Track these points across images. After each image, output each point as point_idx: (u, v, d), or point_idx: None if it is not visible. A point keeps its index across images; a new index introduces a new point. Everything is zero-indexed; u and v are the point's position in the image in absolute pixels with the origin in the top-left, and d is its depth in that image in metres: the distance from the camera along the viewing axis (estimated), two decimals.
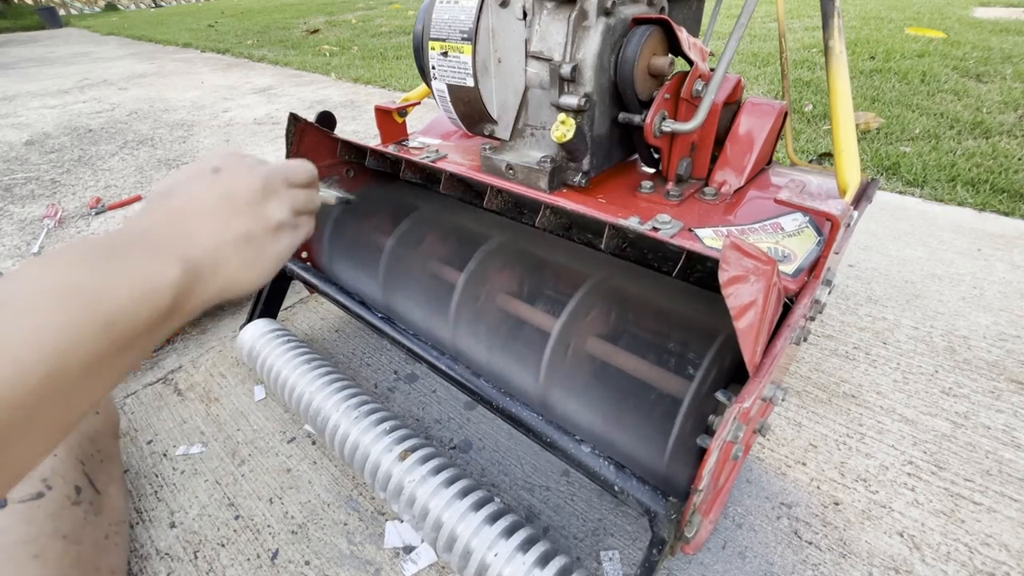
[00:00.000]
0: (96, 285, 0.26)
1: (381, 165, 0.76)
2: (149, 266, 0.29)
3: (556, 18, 0.60)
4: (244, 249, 0.36)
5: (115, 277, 0.27)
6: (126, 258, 0.29)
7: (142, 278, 0.28)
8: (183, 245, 0.33)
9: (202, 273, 0.33)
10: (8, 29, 7.09)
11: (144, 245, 0.31)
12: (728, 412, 0.38)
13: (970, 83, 2.00)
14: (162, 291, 0.29)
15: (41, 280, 0.25)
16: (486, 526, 0.50)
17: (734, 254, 0.38)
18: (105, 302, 0.26)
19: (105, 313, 0.26)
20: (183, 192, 0.36)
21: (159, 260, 0.30)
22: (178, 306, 0.31)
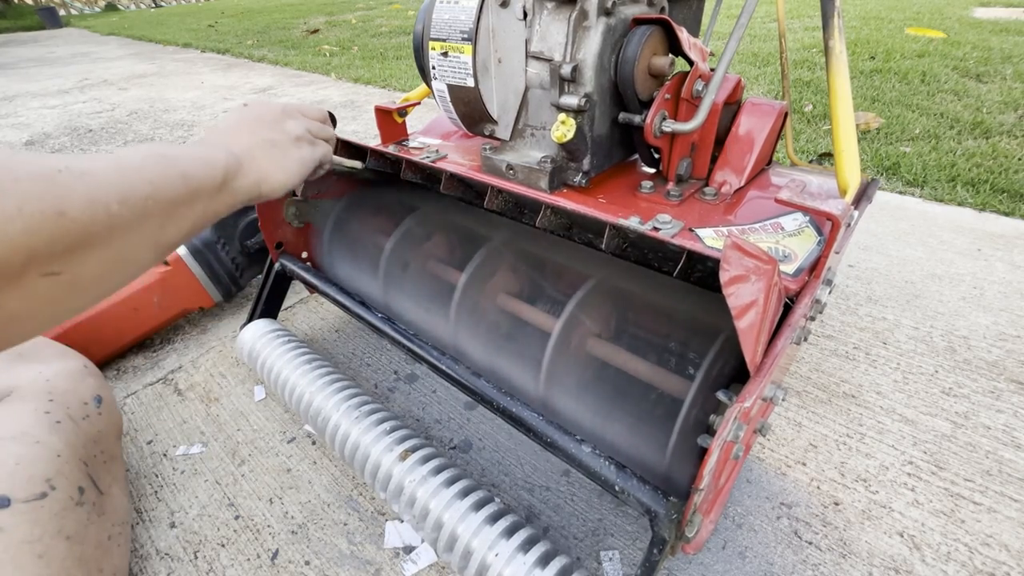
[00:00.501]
0: (174, 153, 0.38)
1: (381, 165, 0.76)
2: (205, 150, 0.42)
3: (556, 18, 0.60)
4: (271, 150, 0.48)
5: (184, 153, 0.39)
6: (192, 148, 0.41)
7: (202, 154, 0.41)
8: (225, 144, 0.45)
9: (241, 163, 0.44)
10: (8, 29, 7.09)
11: (200, 143, 0.44)
12: (729, 412, 0.38)
13: (970, 83, 2.00)
14: (216, 164, 0.41)
15: (137, 150, 0.36)
16: (486, 526, 0.50)
17: (735, 254, 0.38)
18: (180, 163, 0.38)
19: (180, 169, 0.37)
20: (224, 123, 0.49)
21: (211, 148, 0.43)
22: (227, 181, 0.42)
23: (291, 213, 0.81)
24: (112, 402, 0.63)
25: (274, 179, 0.47)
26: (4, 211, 0.26)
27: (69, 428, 0.53)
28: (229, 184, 0.42)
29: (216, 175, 0.40)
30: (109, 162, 0.32)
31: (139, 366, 0.89)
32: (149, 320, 0.89)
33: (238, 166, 0.43)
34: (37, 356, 0.61)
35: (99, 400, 0.60)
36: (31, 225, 0.27)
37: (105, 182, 0.31)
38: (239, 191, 0.44)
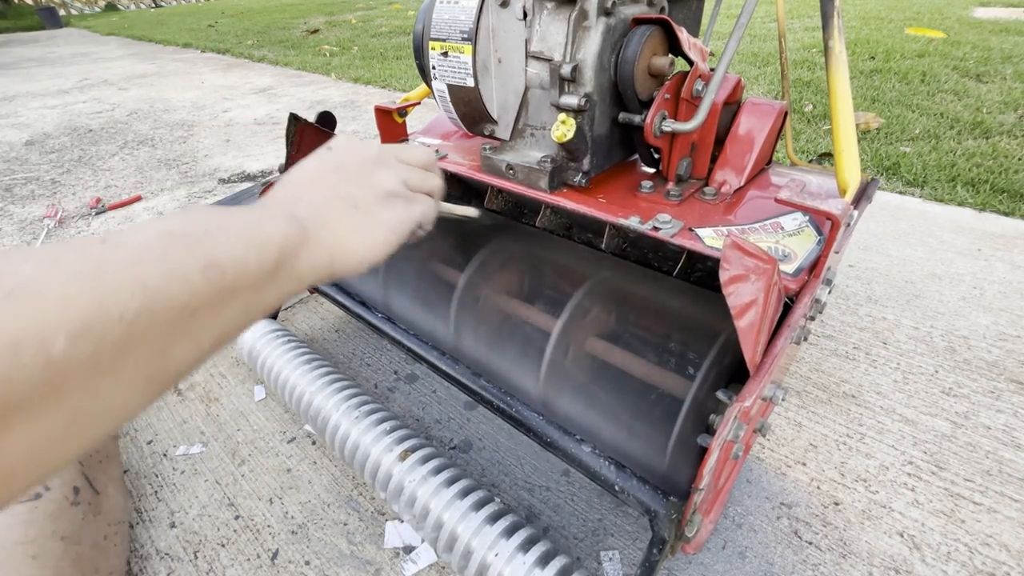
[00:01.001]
0: (202, 231, 0.26)
1: None
2: (257, 220, 0.29)
3: (556, 18, 0.60)
4: (351, 212, 0.35)
5: (222, 226, 0.27)
6: (236, 215, 0.29)
7: (248, 227, 0.28)
8: (291, 205, 0.33)
9: (308, 232, 0.32)
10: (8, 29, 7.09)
11: (255, 207, 0.32)
12: (729, 411, 0.38)
13: (970, 83, 2.00)
14: (268, 240, 0.29)
15: (150, 226, 0.25)
16: (486, 526, 0.50)
17: (735, 253, 0.38)
18: (208, 245, 0.26)
19: (207, 255, 0.25)
20: (299, 169, 0.37)
21: (267, 215, 0.31)
22: (285, 264, 0.30)
23: None
24: None
25: (353, 253, 0.34)
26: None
27: None
28: (287, 266, 0.30)
29: (267, 257, 0.28)
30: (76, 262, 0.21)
31: None
32: None
33: (302, 238, 0.31)
34: None
35: None
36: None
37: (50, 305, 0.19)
38: (302, 274, 0.31)
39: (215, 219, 0.28)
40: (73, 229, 1.37)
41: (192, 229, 0.26)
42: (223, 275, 0.26)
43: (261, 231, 0.29)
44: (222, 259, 0.26)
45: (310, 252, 0.32)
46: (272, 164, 1.73)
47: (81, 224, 1.40)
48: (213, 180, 1.63)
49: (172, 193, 1.56)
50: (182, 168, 1.75)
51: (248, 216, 0.29)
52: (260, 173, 1.66)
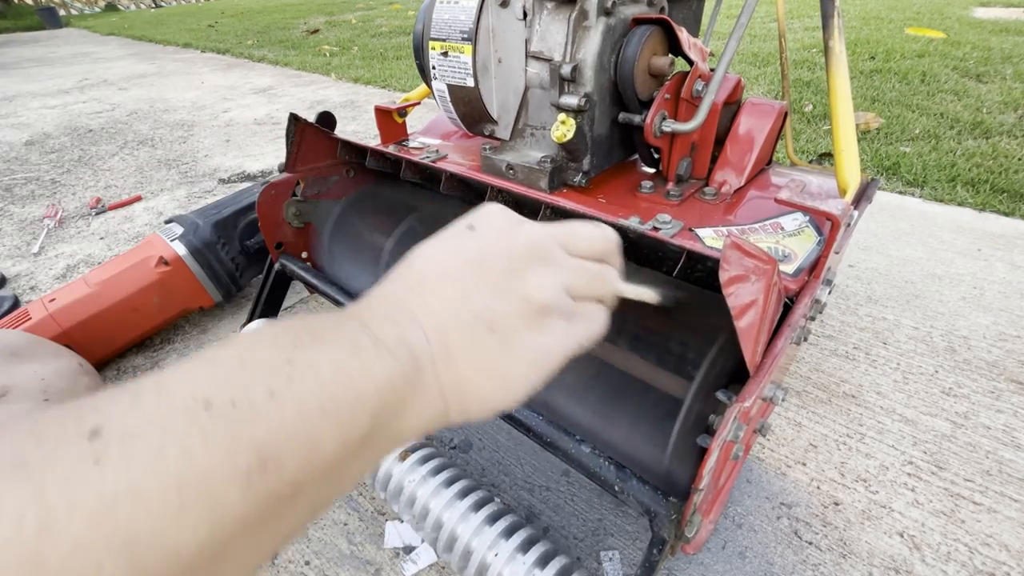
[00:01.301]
0: (255, 397, 0.17)
1: (381, 165, 0.76)
2: (345, 363, 0.20)
3: (556, 18, 0.60)
4: (485, 338, 0.24)
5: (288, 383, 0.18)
6: (316, 345, 0.20)
7: (332, 382, 0.19)
8: (402, 325, 0.23)
9: (422, 371, 0.23)
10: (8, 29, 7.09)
11: (354, 324, 0.22)
12: (729, 412, 0.38)
13: (970, 83, 2.00)
14: (361, 398, 0.20)
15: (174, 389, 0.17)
16: (486, 526, 0.50)
17: (735, 254, 0.38)
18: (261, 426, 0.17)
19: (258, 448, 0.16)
20: (428, 252, 0.27)
21: (364, 350, 0.21)
22: (380, 428, 0.21)
23: (291, 213, 0.81)
24: None
25: (477, 399, 0.25)
26: None
27: None
28: (382, 428, 0.21)
29: (355, 427, 0.19)
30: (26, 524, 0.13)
31: (139, 366, 0.89)
32: (149, 320, 0.89)
33: (411, 383, 0.22)
34: (32, 355, 0.61)
35: None
36: None
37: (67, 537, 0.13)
38: (403, 433, 0.23)
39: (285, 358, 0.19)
40: (73, 229, 1.37)
41: (246, 388, 0.17)
42: (280, 474, 0.17)
43: (353, 381, 0.20)
44: (283, 448, 0.17)
45: (419, 402, 0.23)
46: (272, 164, 1.72)
47: (81, 224, 1.40)
48: (213, 180, 1.63)
49: (172, 193, 1.56)
50: (182, 168, 1.75)
51: (337, 346, 0.20)
52: (260, 173, 1.66)
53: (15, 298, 1.05)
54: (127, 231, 1.35)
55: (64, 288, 0.84)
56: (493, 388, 0.25)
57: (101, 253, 1.25)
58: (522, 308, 0.25)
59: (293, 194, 0.80)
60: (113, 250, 1.26)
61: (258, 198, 0.76)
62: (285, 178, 0.78)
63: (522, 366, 0.25)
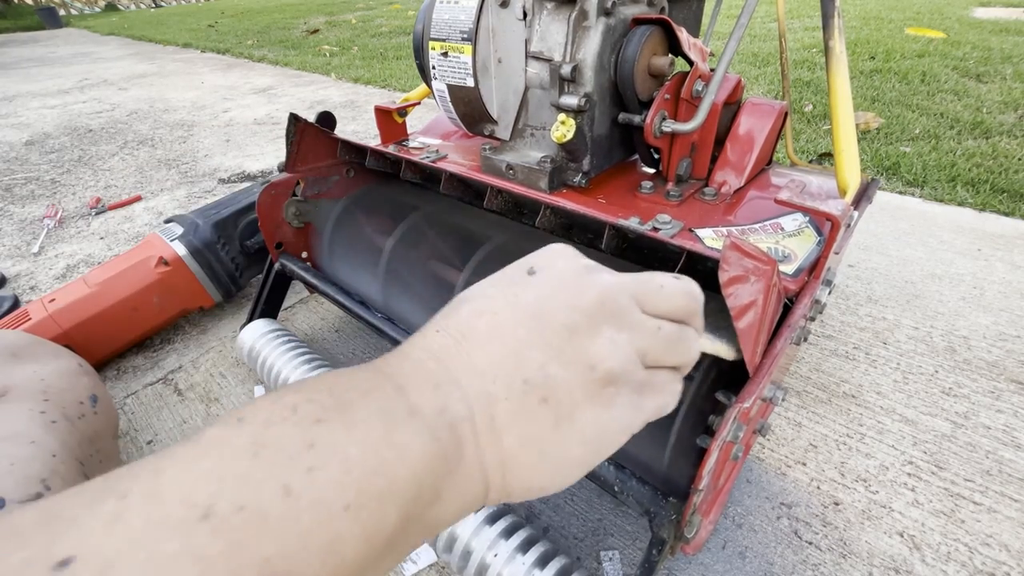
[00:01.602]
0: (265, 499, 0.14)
1: (381, 165, 0.76)
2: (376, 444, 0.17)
3: (556, 18, 0.60)
4: (534, 409, 0.21)
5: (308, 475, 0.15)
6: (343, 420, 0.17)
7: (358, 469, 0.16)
8: (443, 389, 0.20)
9: (463, 448, 0.19)
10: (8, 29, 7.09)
11: (389, 388, 0.19)
12: (728, 412, 0.38)
13: (970, 83, 2.00)
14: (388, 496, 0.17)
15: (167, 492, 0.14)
16: (486, 526, 0.50)
17: (734, 254, 0.38)
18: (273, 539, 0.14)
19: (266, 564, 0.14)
20: (479, 297, 0.24)
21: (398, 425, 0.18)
22: (412, 520, 0.18)
23: (291, 213, 0.81)
24: (108, 401, 0.63)
25: (522, 482, 0.21)
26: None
27: (64, 428, 0.53)
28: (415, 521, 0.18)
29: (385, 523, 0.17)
30: None
31: (139, 366, 0.89)
32: (149, 320, 0.89)
33: (454, 459, 0.19)
34: (32, 356, 0.61)
35: (95, 399, 0.60)
36: None
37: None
38: (435, 524, 0.20)
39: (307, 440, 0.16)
40: (73, 229, 1.37)
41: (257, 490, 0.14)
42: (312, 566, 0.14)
43: (384, 467, 0.17)
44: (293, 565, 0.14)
45: (457, 486, 0.19)
46: (272, 164, 1.72)
47: (81, 224, 1.40)
48: (213, 180, 1.63)
49: (172, 193, 1.56)
50: (182, 168, 1.75)
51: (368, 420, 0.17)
52: (260, 173, 1.66)
53: (15, 298, 1.05)
54: (127, 231, 1.35)
55: (64, 288, 0.84)
56: (541, 470, 0.21)
57: (101, 253, 1.25)
58: (584, 377, 0.21)
59: (293, 194, 0.80)
60: (113, 250, 1.26)
61: (258, 198, 0.76)
62: (285, 178, 0.78)
63: (577, 448, 0.22)
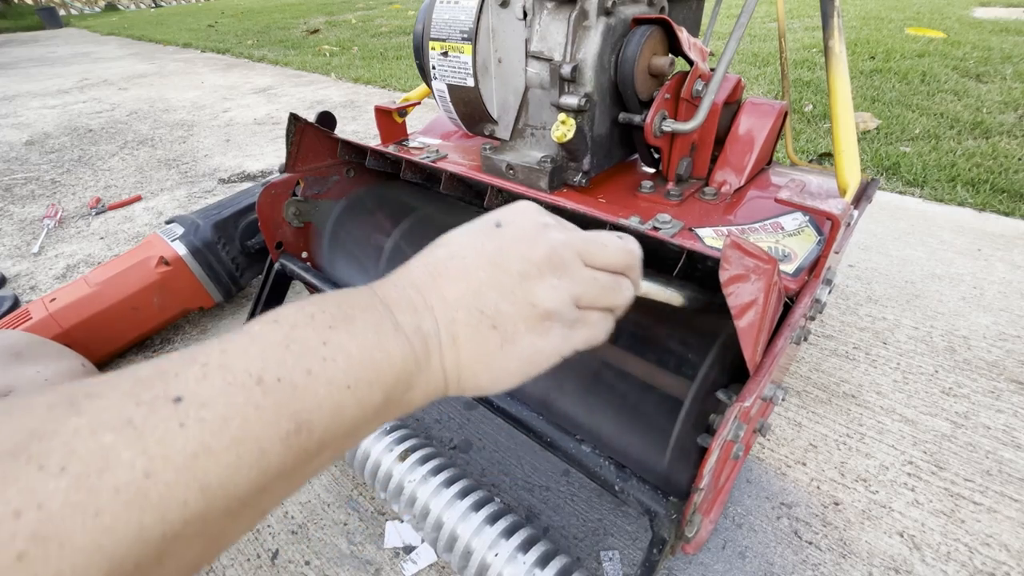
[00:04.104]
0: (296, 376, 0.21)
1: (381, 165, 0.76)
2: (370, 346, 0.24)
3: (556, 18, 0.60)
4: (486, 334, 0.27)
5: (323, 363, 0.22)
6: (348, 328, 0.24)
7: (357, 363, 0.23)
8: (419, 312, 0.26)
9: (430, 354, 0.26)
10: (8, 29, 7.09)
11: (380, 307, 0.26)
12: (729, 411, 0.38)
13: (970, 83, 2.00)
14: (379, 377, 0.24)
15: (233, 366, 0.21)
16: (486, 526, 0.50)
17: (735, 253, 0.38)
18: (299, 400, 0.21)
19: (295, 414, 0.21)
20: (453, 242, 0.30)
21: (386, 334, 0.25)
22: (391, 401, 0.25)
23: (291, 213, 0.81)
24: None
25: (471, 382, 0.28)
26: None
27: None
28: (393, 401, 0.25)
29: (372, 399, 0.24)
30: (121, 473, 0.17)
31: None
32: (149, 320, 0.89)
33: (423, 361, 0.26)
34: (35, 356, 0.61)
35: None
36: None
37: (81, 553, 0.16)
38: (410, 404, 0.27)
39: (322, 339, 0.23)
40: (73, 229, 1.37)
41: (290, 368, 0.21)
42: (310, 436, 0.21)
43: (373, 363, 0.24)
44: (314, 417, 0.21)
45: (424, 380, 0.26)
46: (272, 164, 1.73)
47: (81, 224, 1.40)
48: (213, 180, 1.63)
49: (172, 193, 1.56)
50: (182, 168, 1.76)
51: (365, 329, 0.24)
52: (260, 173, 1.66)
53: (15, 298, 1.05)
54: (127, 231, 1.35)
55: (64, 288, 0.84)
56: (488, 377, 0.28)
57: (101, 253, 1.25)
58: (527, 312, 0.28)
59: (293, 194, 0.80)
60: (113, 250, 1.26)
61: (258, 198, 0.76)
62: (285, 178, 0.78)
63: (516, 363, 0.28)
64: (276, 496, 0.22)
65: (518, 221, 0.30)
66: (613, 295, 0.31)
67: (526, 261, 0.28)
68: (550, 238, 0.29)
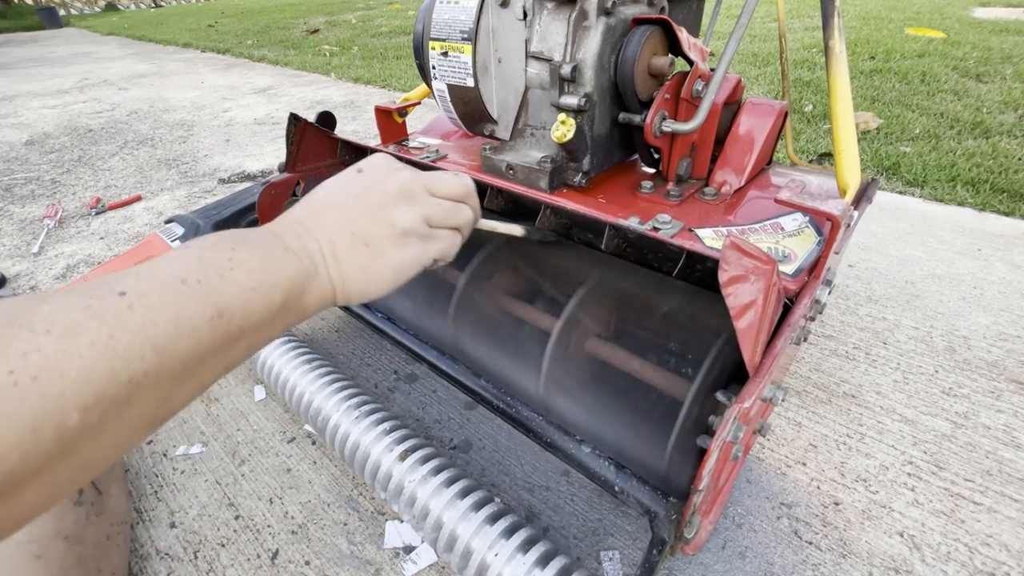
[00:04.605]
0: (215, 276, 0.27)
1: None
2: (268, 256, 0.30)
3: (556, 18, 0.60)
4: (361, 250, 0.34)
5: (234, 265, 0.28)
6: (250, 248, 0.30)
7: (260, 266, 0.29)
8: (304, 238, 0.33)
9: (316, 267, 0.33)
10: (8, 29, 7.09)
11: (271, 236, 0.32)
12: (728, 412, 0.38)
13: (970, 83, 2.00)
14: (276, 281, 0.30)
15: (161, 272, 0.26)
16: (486, 526, 0.50)
17: (734, 254, 0.38)
18: (218, 292, 0.27)
19: (215, 304, 0.26)
20: (327, 187, 0.37)
21: (278, 250, 0.31)
22: (291, 302, 0.31)
23: None
24: None
25: (355, 289, 0.35)
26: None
27: None
28: (292, 303, 0.31)
29: (274, 298, 0.29)
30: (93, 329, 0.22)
31: None
32: None
33: (310, 275, 0.32)
34: None
35: None
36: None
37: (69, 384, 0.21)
38: (306, 309, 0.33)
39: (227, 256, 0.29)
40: (73, 229, 1.37)
41: (205, 273, 0.27)
42: (230, 321, 0.27)
43: (270, 271, 0.30)
44: (230, 306, 0.27)
45: (315, 288, 0.33)
46: (272, 164, 1.73)
47: (81, 224, 1.40)
48: (213, 180, 1.63)
49: (172, 193, 1.56)
50: (182, 168, 1.76)
51: (261, 250, 0.30)
52: (260, 173, 1.66)
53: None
54: (127, 231, 1.35)
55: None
56: (365, 284, 0.35)
57: (101, 253, 1.25)
58: (389, 231, 0.35)
59: (293, 194, 0.80)
60: (113, 250, 1.26)
61: (258, 198, 0.76)
62: (285, 178, 0.78)
63: (386, 270, 0.35)
64: (212, 370, 0.27)
65: (375, 164, 0.38)
66: (456, 216, 0.39)
67: (384, 194, 0.36)
68: (401, 176, 0.37)
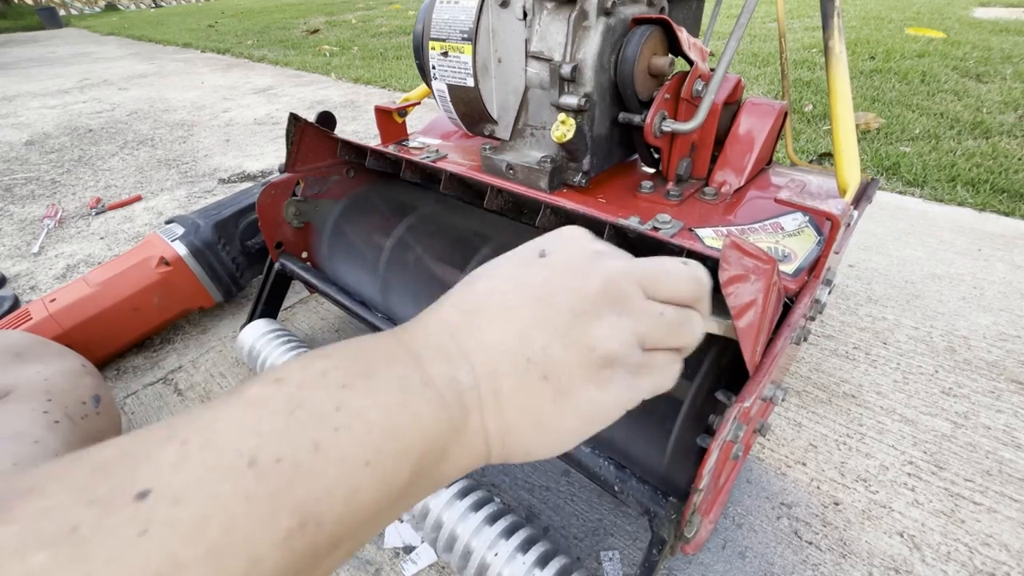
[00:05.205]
0: (299, 453, 0.17)
1: (381, 165, 0.76)
2: (395, 407, 0.19)
3: (556, 18, 0.60)
4: (534, 384, 0.22)
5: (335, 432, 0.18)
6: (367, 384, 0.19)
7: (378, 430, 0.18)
8: (454, 362, 0.22)
9: (468, 415, 0.21)
10: (8, 29, 7.09)
11: (405, 356, 0.22)
12: (728, 412, 0.38)
13: (970, 83, 2.00)
14: (403, 455, 0.19)
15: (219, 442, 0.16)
16: (486, 526, 0.50)
17: (734, 253, 0.38)
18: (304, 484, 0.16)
19: (298, 506, 0.16)
20: (492, 275, 0.25)
21: (414, 392, 0.20)
22: (421, 477, 0.20)
23: (291, 213, 0.81)
24: (111, 401, 0.63)
25: (519, 448, 0.23)
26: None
27: (67, 428, 0.53)
28: (424, 476, 0.20)
29: (397, 479, 0.19)
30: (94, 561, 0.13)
31: (139, 366, 0.89)
32: (149, 320, 0.89)
33: (460, 424, 0.21)
34: (35, 356, 0.61)
35: (97, 400, 0.60)
36: None
37: None
38: (439, 482, 0.22)
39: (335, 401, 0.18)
40: (73, 229, 1.37)
41: (293, 445, 0.17)
42: (319, 531, 0.17)
43: (399, 429, 0.19)
44: (324, 506, 0.17)
45: (462, 447, 0.21)
46: (272, 164, 1.73)
47: (81, 224, 1.40)
48: (213, 180, 1.63)
49: (172, 193, 1.56)
50: (182, 168, 1.76)
51: (388, 386, 0.20)
52: (260, 173, 1.66)
53: (15, 298, 1.05)
54: (127, 231, 1.35)
55: (64, 288, 0.84)
56: (538, 440, 0.23)
57: (101, 253, 1.25)
58: (583, 358, 0.23)
59: (293, 194, 0.80)
60: (113, 250, 1.26)
61: (258, 198, 0.76)
62: (285, 178, 0.78)
63: (572, 420, 0.23)
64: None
65: (566, 248, 0.26)
66: (682, 333, 0.26)
67: (579, 295, 0.23)
68: (606, 267, 0.24)
